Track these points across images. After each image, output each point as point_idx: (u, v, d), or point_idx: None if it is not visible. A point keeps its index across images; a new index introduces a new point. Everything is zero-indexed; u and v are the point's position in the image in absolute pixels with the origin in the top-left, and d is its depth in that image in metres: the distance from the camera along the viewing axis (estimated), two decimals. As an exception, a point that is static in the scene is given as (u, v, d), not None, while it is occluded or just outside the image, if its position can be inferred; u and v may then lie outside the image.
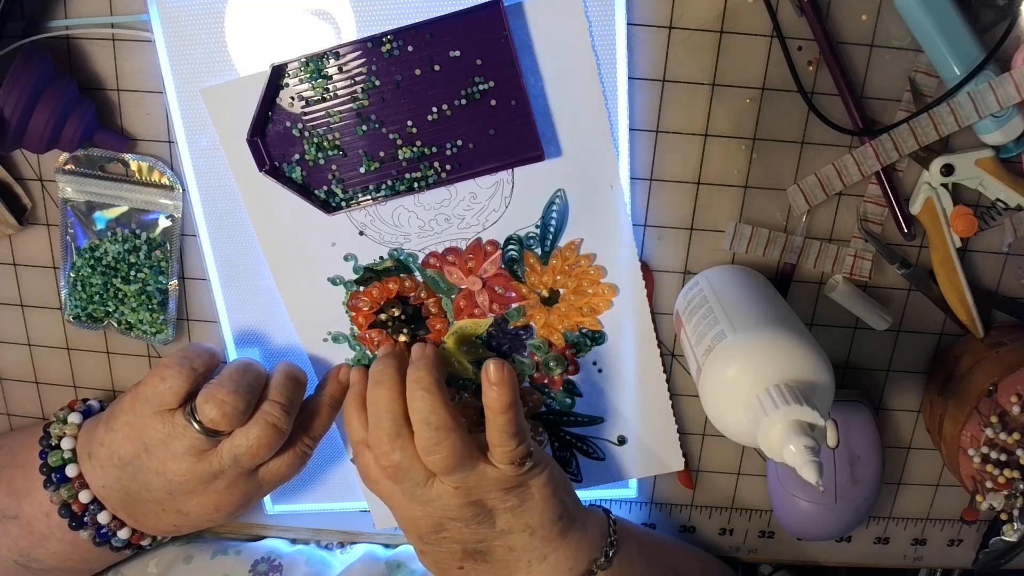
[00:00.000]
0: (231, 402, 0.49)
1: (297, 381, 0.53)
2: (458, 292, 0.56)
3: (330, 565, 0.61)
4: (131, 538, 0.53)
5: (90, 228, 0.55)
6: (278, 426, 0.50)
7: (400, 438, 0.48)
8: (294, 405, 0.52)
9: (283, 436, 0.51)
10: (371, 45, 0.49)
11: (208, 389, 0.49)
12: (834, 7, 0.50)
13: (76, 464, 0.52)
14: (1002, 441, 0.53)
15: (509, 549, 0.51)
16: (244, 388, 0.50)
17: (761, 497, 0.62)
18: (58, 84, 0.49)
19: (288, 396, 0.51)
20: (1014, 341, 0.55)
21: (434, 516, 0.49)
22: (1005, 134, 0.51)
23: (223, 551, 0.59)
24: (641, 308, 0.56)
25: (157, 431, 0.49)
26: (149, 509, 0.52)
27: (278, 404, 0.51)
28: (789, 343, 0.44)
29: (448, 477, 0.48)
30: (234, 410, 0.49)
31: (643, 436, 0.59)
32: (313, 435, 0.54)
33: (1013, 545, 0.59)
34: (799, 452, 0.40)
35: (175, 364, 0.50)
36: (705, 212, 0.55)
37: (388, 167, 0.51)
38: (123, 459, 0.50)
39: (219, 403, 0.48)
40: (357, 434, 0.52)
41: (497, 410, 0.48)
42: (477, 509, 0.49)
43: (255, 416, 0.50)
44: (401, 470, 0.48)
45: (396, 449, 0.48)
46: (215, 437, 0.50)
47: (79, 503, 0.51)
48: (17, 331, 0.59)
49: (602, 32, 0.50)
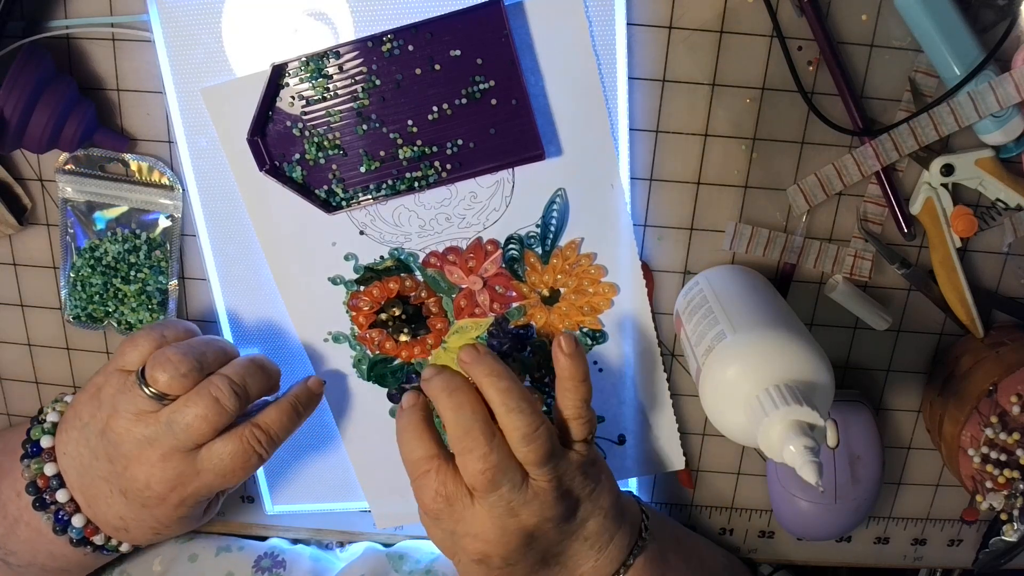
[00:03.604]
0: (175, 362, 0.47)
1: (259, 367, 0.51)
2: (459, 291, 0.56)
3: (332, 560, 0.61)
4: (86, 530, 0.51)
5: (90, 228, 0.55)
6: (220, 400, 0.47)
7: (496, 437, 0.46)
8: (247, 389, 0.49)
9: (224, 414, 0.48)
10: (371, 44, 0.49)
11: (160, 351, 0.48)
12: (834, 7, 0.50)
13: (53, 437, 0.51)
14: (1002, 441, 0.53)
15: (584, 539, 0.49)
16: (196, 355, 0.48)
17: (761, 497, 0.62)
18: (58, 84, 0.49)
19: (241, 376, 0.49)
20: (1014, 341, 0.55)
21: (528, 524, 0.47)
22: (1005, 134, 0.51)
23: (227, 548, 0.59)
24: (641, 308, 0.56)
25: (112, 387, 0.49)
26: (99, 489, 0.50)
27: (226, 378, 0.48)
28: (789, 343, 0.44)
29: (542, 468, 0.46)
30: (176, 371, 0.47)
31: (643, 436, 0.59)
32: (266, 431, 0.50)
33: (1013, 545, 0.59)
34: (799, 452, 0.40)
35: (147, 330, 0.50)
36: (705, 212, 0.55)
37: (388, 166, 0.51)
38: (82, 419, 0.50)
39: (164, 362, 0.47)
40: (426, 450, 0.48)
41: (578, 379, 0.48)
42: (568, 501, 0.48)
43: (199, 386, 0.48)
44: (500, 471, 0.45)
45: (494, 449, 0.45)
46: (160, 401, 0.48)
47: (44, 477, 0.50)
48: (17, 331, 0.59)
49: (602, 32, 0.50)
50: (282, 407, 0.51)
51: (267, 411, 0.51)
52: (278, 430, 0.51)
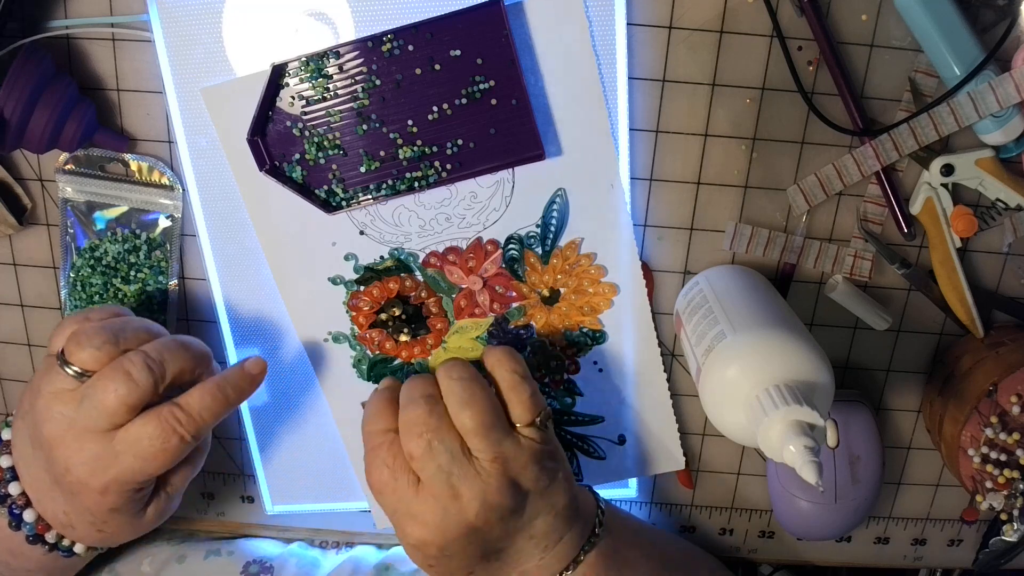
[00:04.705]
0: (89, 335, 0.45)
1: (181, 345, 0.48)
2: (459, 291, 0.56)
3: (319, 566, 0.60)
4: (38, 526, 0.49)
5: (90, 228, 0.55)
6: (131, 373, 0.45)
7: (438, 405, 0.47)
8: (163, 365, 0.46)
9: (136, 389, 0.45)
10: (371, 44, 0.49)
11: (78, 328, 0.47)
12: (834, 7, 0.50)
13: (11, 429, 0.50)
14: (1002, 441, 0.53)
15: (530, 537, 0.49)
16: (112, 330, 0.46)
17: (761, 497, 0.62)
18: (58, 84, 0.49)
19: (159, 351, 0.46)
20: (1014, 341, 0.55)
21: (470, 512, 0.46)
22: (1005, 134, 0.51)
23: (216, 552, 0.59)
24: (641, 308, 0.56)
25: (40, 373, 0.47)
26: (42, 481, 0.48)
27: (142, 353, 0.46)
28: (789, 343, 0.44)
29: (482, 441, 0.46)
30: (89, 343, 0.45)
31: (643, 436, 0.59)
32: (188, 411, 0.47)
33: (1013, 545, 0.59)
34: (799, 452, 0.40)
35: (74, 314, 0.49)
36: (705, 212, 0.55)
37: (388, 166, 0.51)
38: (23, 408, 0.48)
39: (80, 336, 0.46)
40: (385, 424, 0.49)
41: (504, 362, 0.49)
42: (515, 493, 0.47)
43: (113, 362, 0.46)
44: (437, 437, 0.46)
45: (433, 415, 0.46)
46: (80, 379, 0.46)
47: (0, 469, 0.49)
48: (17, 331, 0.59)
49: (602, 32, 0.50)
50: (207, 388, 0.48)
51: (191, 392, 0.48)
52: (201, 411, 0.47)
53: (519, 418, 0.48)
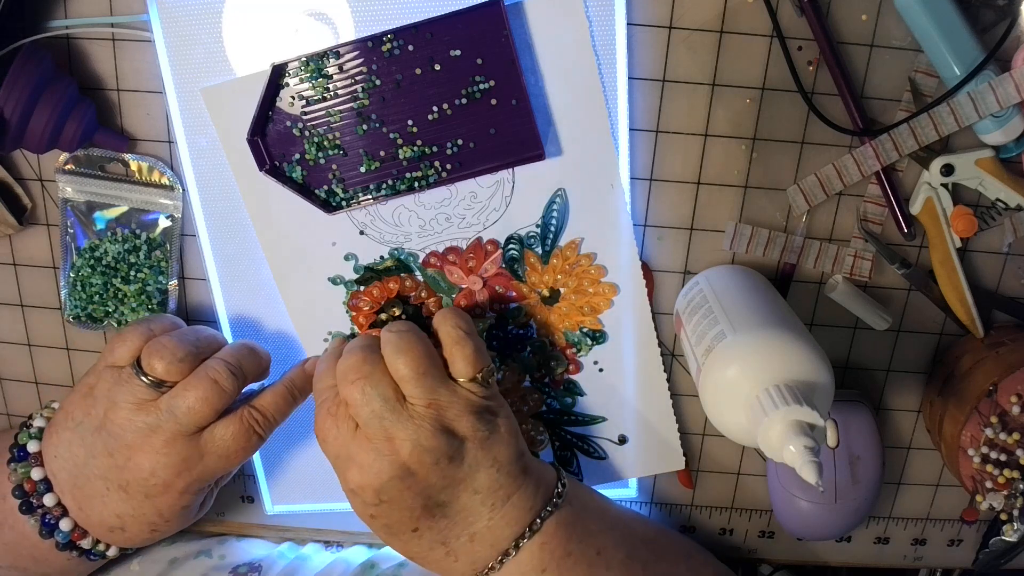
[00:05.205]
0: (171, 348, 0.49)
1: (251, 350, 0.52)
2: (459, 291, 0.56)
3: (308, 566, 0.60)
4: (73, 534, 0.51)
5: (90, 228, 0.55)
6: (218, 381, 0.49)
7: (375, 355, 0.48)
8: (242, 370, 0.51)
9: (224, 395, 0.49)
10: (371, 44, 0.49)
11: (155, 340, 0.50)
12: (834, 7, 0.50)
13: (40, 442, 0.51)
14: (1002, 441, 0.53)
15: (474, 492, 0.48)
16: (190, 342, 0.50)
17: (761, 497, 0.62)
18: (58, 84, 0.49)
19: (237, 358, 0.51)
20: (1014, 341, 0.55)
21: (403, 453, 0.46)
22: (1005, 134, 0.51)
23: (207, 553, 0.59)
24: (641, 308, 0.56)
25: (106, 383, 0.50)
26: (94, 488, 0.50)
27: (223, 361, 0.50)
28: (789, 343, 0.44)
29: (416, 387, 0.47)
30: (173, 357, 0.49)
31: (643, 435, 0.59)
32: (263, 411, 0.52)
33: (1013, 545, 0.59)
34: (799, 452, 0.40)
35: (134, 326, 0.51)
36: (705, 212, 0.55)
37: (388, 166, 0.51)
38: (75, 419, 0.50)
39: (159, 349, 0.49)
40: (330, 379, 0.50)
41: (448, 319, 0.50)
42: (449, 439, 0.47)
43: (197, 370, 0.50)
44: (370, 383, 0.46)
45: (367, 362, 0.47)
46: (159, 388, 0.49)
47: (31, 481, 0.50)
48: (17, 331, 0.59)
49: (602, 32, 0.50)
50: (278, 390, 0.53)
51: (264, 394, 0.52)
52: (274, 412, 0.52)
53: (461, 372, 0.49)
